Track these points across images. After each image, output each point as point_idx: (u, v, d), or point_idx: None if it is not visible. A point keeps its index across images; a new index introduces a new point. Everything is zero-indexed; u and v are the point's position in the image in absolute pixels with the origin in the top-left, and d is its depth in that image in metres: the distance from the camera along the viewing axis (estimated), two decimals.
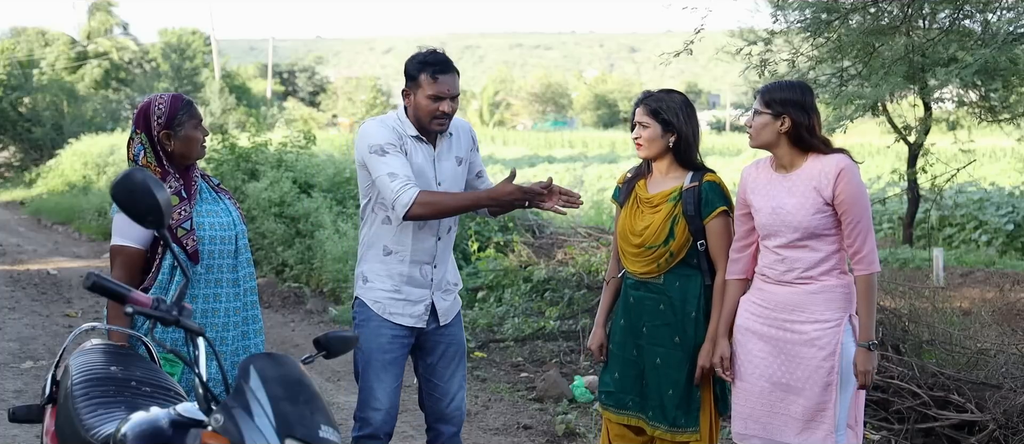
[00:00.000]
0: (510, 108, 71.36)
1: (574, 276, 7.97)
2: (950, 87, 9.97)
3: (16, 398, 5.67)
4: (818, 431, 3.22)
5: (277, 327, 8.16)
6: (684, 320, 3.40)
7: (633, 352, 3.50)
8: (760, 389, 3.31)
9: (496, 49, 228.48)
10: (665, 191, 3.44)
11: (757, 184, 3.34)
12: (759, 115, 3.25)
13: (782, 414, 3.28)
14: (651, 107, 3.42)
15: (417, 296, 3.50)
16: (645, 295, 3.45)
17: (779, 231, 3.23)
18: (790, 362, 3.26)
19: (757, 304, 3.33)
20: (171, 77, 41.99)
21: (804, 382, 3.23)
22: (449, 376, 3.61)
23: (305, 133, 12.68)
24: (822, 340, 3.20)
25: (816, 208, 3.17)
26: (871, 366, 3.19)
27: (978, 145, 12.88)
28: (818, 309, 3.21)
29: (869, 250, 3.17)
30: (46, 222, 17.81)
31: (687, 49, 7.48)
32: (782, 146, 3.25)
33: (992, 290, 8.32)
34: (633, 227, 3.46)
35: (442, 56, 3.46)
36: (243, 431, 2.04)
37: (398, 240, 3.48)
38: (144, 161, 3.18)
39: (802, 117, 3.20)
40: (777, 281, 3.27)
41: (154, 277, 3.12)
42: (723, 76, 79.06)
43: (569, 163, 28.13)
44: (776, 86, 3.31)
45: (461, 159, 3.58)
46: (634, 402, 3.50)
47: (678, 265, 3.40)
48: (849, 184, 3.15)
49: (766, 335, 3.30)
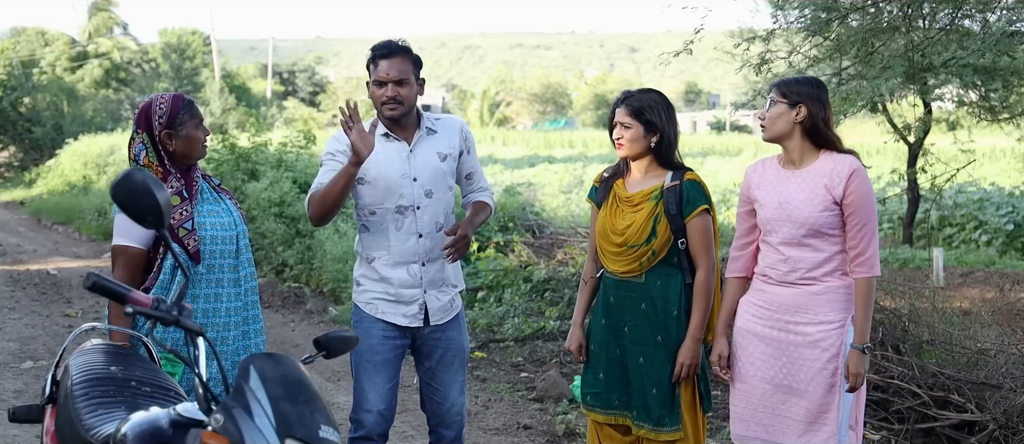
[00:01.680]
0: (510, 108, 71.35)
1: (574, 276, 7.97)
2: (950, 87, 9.98)
3: (16, 398, 5.67)
4: (821, 433, 3.21)
5: (277, 327, 8.16)
6: (666, 319, 3.40)
7: (616, 351, 3.50)
8: (762, 391, 3.30)
9: (496, 49, 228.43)
10: (646, 190, 3.43)
11: (763, 180, 3.33)
12: (775, 105, 3.23)
13: (784, 416, 3.27)
14: (633, 107, 3.41)
15: (408, 296, 3.50)
16: (626, 294, 3.45)
17: (783, 226, 3.22)
18: (792, 364, 3.25)
19: (758, 306, 3.32)
20: (171, 77, 41.97)
21: (807, 384, 3.22)
22: (449, 381, 3.60)
23: (305, 133, 12.68)
24: (826, 341, 3.19)
25: (824, 205, 3.16)
26: (862, 369, 3.18)
27: (978, 145, 12.89)
28: (822, 310, 3.20)
29: (871, 253, 3.16)
30: (46, 222, 17.81)
31: (686, 49, 7.48)
32: (795, 138, 3.23)
33: (992, 290, 8.32)
34: (614, 226, 3.45)
35: (386, 42, 3.49)
36: (243, 431, 2.04)
37: (377, 244, 3.51)
38: (146, 161, 3.18)
39: (818, 109, 3.19)
40: (779, 282, 3.26)
41: (155, 277, 3.12)
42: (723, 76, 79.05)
43: (569, 163, 28.12)
44: (792, 79, 3.30)
45: (445, 155, 3.55)
46: (620, 401, 3.50)
47: (659, 264, 3.40)
48: (860, 186, 3.14)
49: (768, 337, 3.28)
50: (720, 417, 5.40)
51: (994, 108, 10.12)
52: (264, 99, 47.79)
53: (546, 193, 16.88)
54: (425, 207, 3.49)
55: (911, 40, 7.63)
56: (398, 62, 3.43)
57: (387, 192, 3.47)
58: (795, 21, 8.04)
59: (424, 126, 3.54)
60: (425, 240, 3.49)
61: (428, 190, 3.50)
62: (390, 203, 3.47)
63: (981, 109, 10.30)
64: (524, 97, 75.37)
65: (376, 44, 3.49)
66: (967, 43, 7.15)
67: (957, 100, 10.65)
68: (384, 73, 3.42)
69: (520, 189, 13.91)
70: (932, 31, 7.63)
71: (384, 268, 3.50)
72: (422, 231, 3.49)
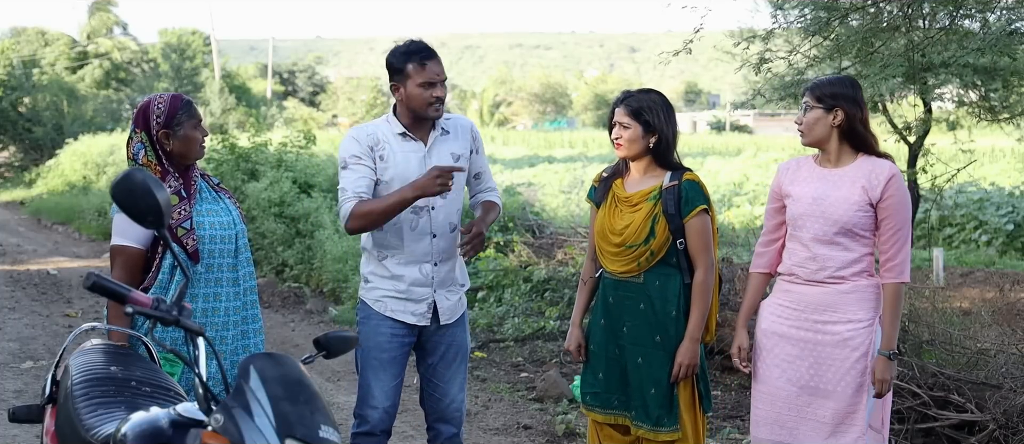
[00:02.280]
0: (510, 108, 71.35)
1: (574, 276, 7.97)
2: (950, 87, 9.97)
3: (16, 398, 5.67)
4: (848, 434, 3.18)
5: (277, 327, 8.16)
6: (665, 319, 3.40)
7: (615, 351, 3.50)
8: (787, 393, 3.27)
9: (496, 49, 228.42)
10: (644, 190, 3.43)
11: (798, 175, 3.31)
12: (811, 110, 3.22)
13: (809, 418, 3.23)
14: (632, 108, 3.41)
15: (419, 295, 3.50)
16: (625, 295, 3.45)
17: (815, 222, 3.19)
18: (820, 364, 3.22)
19: (784, 306, 3.30)
20: (171, 77, 41.98)
21: (835, 384, 3.19)
22: (449, 378, 3.61)
23: (305, 133, 12.67)
24: (855, 340, 3.17)
25: (859, 205, 3.15)
26: (890, 375, 3.15)
27: (978, 145, 12.88)
28: (851, 309, 3.18)
29: (903, 259, 3.14)
30: (46, 222, 17.81)
31: (686, 48, 7.48)
32: (833, 141, 3.22)
33: (992, 290, 8.32)
34: (613, 226, 3.45)
35: (423, 44, 3.49)
36: (243, 431, 2.04)
37: (391, 243, 3.49)
38: (144, 160, 3.18)
39: (855, 110, 3.18)
40: (807, 281, 3.23)
41: (154, 277, 3.12)
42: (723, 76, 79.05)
43: (569, 163, 28.10)
44: (825, 81, 3.27)
45: (458, 156, 3.56)
46: (619, 401, 3.50)
47: (658, 264, 3.40)
48: (898, 190, 3.14)
49: (795, 337, 3.25)
50: (720, 417, 5.40)
51: (994, 108, 10.11)
52: (264, 99, 47.82)
53: (546, 193, 16.88)
54: (440, 208, 3.49)
55: (911, 40, 7.63)
56: (440, 62, 3.49)
57: None
58: (795, 21, 8.04)
59: (439, 126, 3.55)
60: (439, 240, 3.50)
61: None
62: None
63: (981, 109, 10.28)
64: (524, 97, 75.36)
65: (413, 46, 3.46)
66: (967, 42, 7.14)
67: (957, 100, 10.64)
68: (435, 73, 3.43)
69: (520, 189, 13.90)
70: (932, 31, 7.63)
71: (396, 267, 3.49)
72: (436, 231, 3.49)
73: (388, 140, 3.47)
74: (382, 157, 3.45)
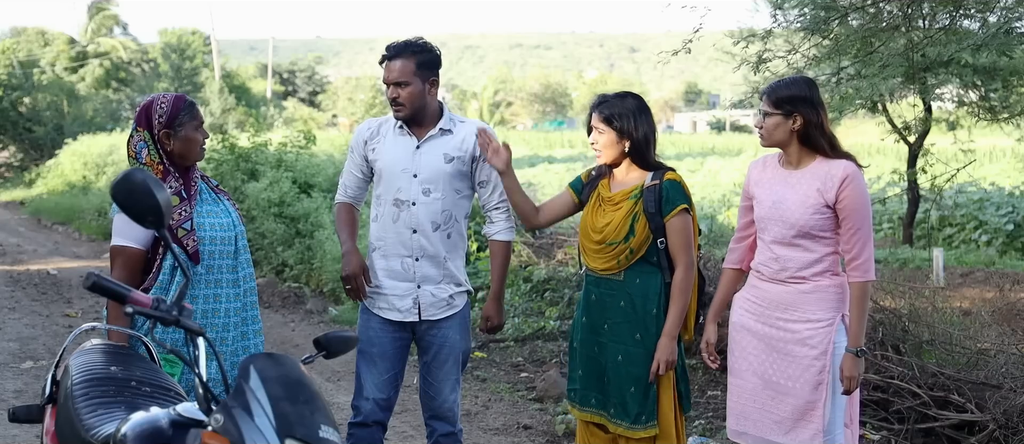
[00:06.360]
0: (510, 108, 71.34)
1: (574, 276, 7.97)
2: (950, 87, 9.97)
3: (16, 398, 5.67)
4: (806, 431, 3.22)
5: (277, 327, 8.16)
6: (645, 317, 3.42)
7: (595, 349, 3.53)
8: (753, 386, 3.34)
9: (496, 49, 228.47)
10: (626, 189, 3.47)
11: (762, 178, 3.36)
12: (770, 116, 3.25)
13: (772, 413, 3.30)
14: (604, 115, 3.45)
15: (402, 290, 3.58)
16: (606, 292, 3.48)
17: (775, 226, 3.25)
18: (782, 360, 3.27)
19: (751, 301, 3.36)
20: (171, 77, 42.00)
21: (794, 381, 3.24)
22: (441, 378, 3.66)
23: (305, 133, 12.67)
24: (814, 339, 3.21)
25: (815, 208, 3.18)
26: (857, 372, 3.18)
27: (978, 145, 12.88)
28: (810, 308, 3.22)
29: (866, 258, 3.16)
30: (46, 222, 17.80)
31: (685, 48, 7.49)
32: (793, 145, 3.26)
33: (992, 290, 8.31)
34: (594, 224, 3.50)
35: (390, 45, 3.58)
36: (243, 431, 2.04)
37: (379, 235, 3.62)
38: (147, 158, 3.18)
39: (813, 115, 3.20)
40: (771, 279, 3.29)
41: (155, 277, 3.12)
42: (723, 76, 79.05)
43: (569, 163, 28.11)
44: (781, 85, 3.29)
45: (452, 157, 3.57)
46: (597, 400, 3.53)
47: (638, 262, 3.42)
48: (853, 191, 3.15)
49: (760, 333, 3.32)
50: (721, 417, 5.40)
51: (994, 108, 10.12)
52: (264, 99, 47.82)
53: (546, 193, 16.90)
54: (422, 204, 3.53)
55: (911, 40, 7.64)
56: (398, 64, 3.49)
57: (388, 184, 3.57)
58: (794, 20, 8.05)
59: (438, 126, 3.58)
60: (419, 236, 3.54)
61: (427, 188, 3.53)
62: (389, 195, 3.57)
63: (981, 109, 10.29)
64: (524, 97, 75.40)
65: (388, 46, 3.59)
66: (965, 41, 7.15)
67: (957, 100, 10.64)
68: (387, 75, 3.53)
69: None
70: (932, 31, 7.63)
71: (380, 259, 3.60)
72: (417, 227, 3.54)
73: (387, 133, 3.62)
74: (374, 149, 3.61)
